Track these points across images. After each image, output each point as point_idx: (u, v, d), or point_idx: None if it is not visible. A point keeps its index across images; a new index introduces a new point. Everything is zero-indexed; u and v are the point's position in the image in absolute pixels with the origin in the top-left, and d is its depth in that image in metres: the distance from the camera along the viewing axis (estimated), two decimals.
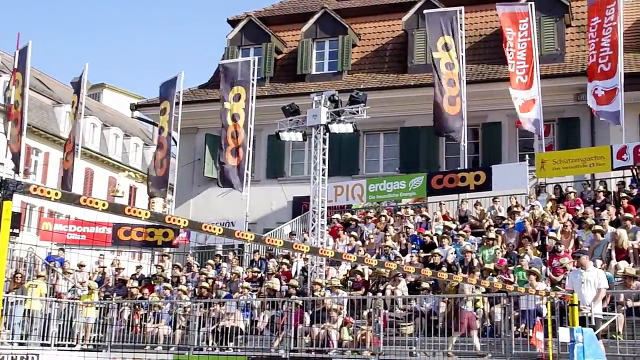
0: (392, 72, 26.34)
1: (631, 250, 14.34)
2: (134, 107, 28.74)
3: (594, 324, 11.68)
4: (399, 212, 20.47)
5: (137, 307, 17.83)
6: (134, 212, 4.93)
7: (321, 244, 17.11)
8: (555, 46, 24.38)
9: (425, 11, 22.78)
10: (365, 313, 15.02)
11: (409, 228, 18.36)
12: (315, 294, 15.95)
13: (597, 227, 14.91)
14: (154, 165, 24.17)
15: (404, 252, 17.24)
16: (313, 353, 14.89)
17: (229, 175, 22.88)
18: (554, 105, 22.42)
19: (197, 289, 18.10)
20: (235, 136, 22.91)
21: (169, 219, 5.23)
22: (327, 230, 18.39)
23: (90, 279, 20.16)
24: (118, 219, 18.46)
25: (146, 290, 18.72)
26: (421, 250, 17.04)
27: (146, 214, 5.01)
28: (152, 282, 19.77)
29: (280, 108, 18.94)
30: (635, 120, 22.18)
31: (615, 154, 18.84)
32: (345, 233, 19.23)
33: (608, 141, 21.10)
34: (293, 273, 18.10)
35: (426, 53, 25.27)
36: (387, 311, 14.77)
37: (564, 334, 8.87)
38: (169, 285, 18.57)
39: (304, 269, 17.91)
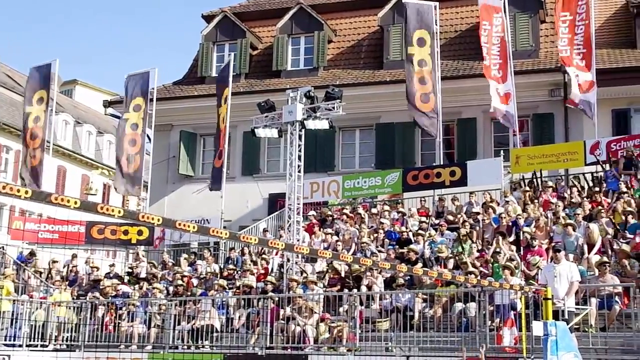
0: (368, 68, 26.36)
1: (602, 243, 14.48)
2: (107, 104, 28.51)
3: (567, 317, 11.81)
4: (374, 209, 20.50)
5: (110, 306, 17.67)
6: (107, 210, 4.89)
7: (297, 240, 17.08)
8: (530, 42, 24.55)
9: (404, 0, 22.76)
10: (341, 309, 15.02)
11: (384, 224, 18.38)
12: (292, 290, 15.91)
13: (570, 221, 15.05)
14: (127, 162, 23.94)
15: (380, 249, 17.26)
16: (289, 350, 14.87)
17: (216, 176, 22.89)
18: (528, 101, 22.58)
19: (172, 287, 17.99)
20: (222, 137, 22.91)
21: (143, 216, 5.19)
22: (303, 227, 18.36)
23: (62, 277, 19.92)
24: (91, 217, 18.27)
25: (121, 289, 18.55)
26: (397, 246, 17.07)
27: (119, 212, 4.97)
28: (127, 280, 19.60)
29: (256, 104, 18.88)
30: (608, 115, 22.41)
31: (588, 149, 19.09)
32: (321, 230, 19.21)
33: (581, 137, 21.34)
34: (269, 270, 18.04)
35: (402, 49, 25.34)
36: (363, 307, 14.79)
37: (537, 327, 8.91)
38: (147, 285, 18.39)
39: (280, 266, 17.87)
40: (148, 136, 24.58)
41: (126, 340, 16.74)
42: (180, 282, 17.85)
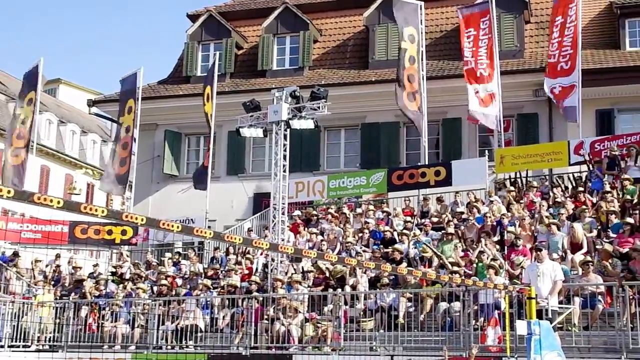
0: (354, 68, 26.38)
1: (584, 242, 14.57)
2: (92, 103, 28.33)
3: (550, 316, 11.87)
4: (359, 208, 20.52)
5: (94, 306, 17.57)
6: (90, 209, 4.88)
7: (282, 240, 17.07)
8: (515, 42, 24.65)
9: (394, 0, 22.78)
10: (326, 309, 15.02)
11: (369, 223, 18.41)
12: (276, 290, 15.89)
13: (554, 221, 15.13)
14: (111, 162, 23.88)
15: (365, 249, 17.27)
16: (274, 350, 14.85)
17: (202, 175, 22.89)
18: (513, 101, 22.66)
19: (156, 287, 17.92)
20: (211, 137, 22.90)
21: (127, 216, 5.17)
22: (287, 226, 18.34)
23: (45, 277, 19.79)
24: (75, 216, 18.15)
25: (103, 289, 18.46)
26: (381, 246, 17.09)
27: (103, 212, 4.96)
28: (111, 280, 19.49)
29: (241, 104, 18.83)
30: (591, 115, 22.54)
31: (572, 149, 19.21)
32: (306, 229, 19.20)
33: (565, 136, 21.46)
34: (254, 270, 18.01)
35: (387, 49, 25.40)
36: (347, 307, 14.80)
37: (521, 326, 8.96)
38: (131, 285, 18.28)
39: (265, 266, 17.84)
40: (133, 137, 24.48)
41: (109, 340, 16.66)
42: (164, 282, 17.78)
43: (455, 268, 14.38)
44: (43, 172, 43.98)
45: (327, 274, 16.37)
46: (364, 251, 16.95)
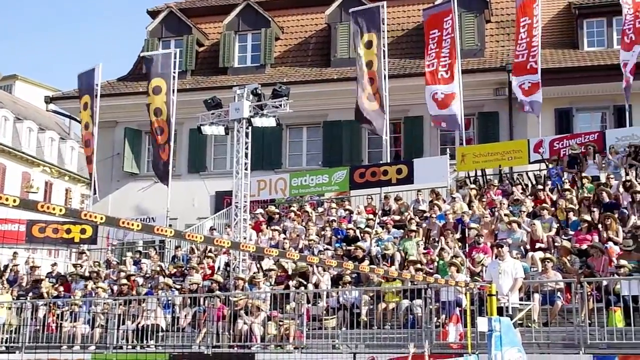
0: (315, 65, 26.37)
1: (544, 240, 14.77)
2: (49, 100, 27.87)
3: (511, 313, 11.99)
4: (321, 207, 20.52)
5: (52, 306, 17.28)
6: (48, 208, 4.78)
7: (244, 238, 16.98)
8: (476, 41, 24.88)
9: (350, 10, 22.98)
10: (288, 307, 14.99)
11: (331, 222, 18.42)
12: (238, 289, 15.81)
13: (514, 218, 15.31)
14: (87, 163, 23.76)
15: (327, 247, 17.27)
16: (236, 349, 14.77)
17: (156, 169, 22.70)
18: (473, 99, 22.86)
19: (116, 286, 17.70)
20: (160, 132, 22.64)
21: (86, 215, 5.07)
22: (249, 224, 18.25)
23: (2, 277, 19.40)
24: (32, 215, 17.82)
25: (62, 289, 18.17)
26: (344, 244, 17.11)
27: (61, 210, 4.86)
28: (69, 280, 19.20)
29: (202, 101, 18.67)
30: (550, 114, 22.86)
31: (532, 147, 19.47)
32: (268, 227, 19.13)
33: (525, 135, 21.73)
34: (216, 268, 17.89)
35: (349, 47, 25.43)
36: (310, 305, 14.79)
37: (482, 323, 9.03)
38: (90, 283, 18.01)
39: (227, 264, 17.73)
40: (93, 134, 24.15)
41: (69, 340, 16.40)
42: (124, 281, 17.57)
43: (417, 266, 14.46)
44: None
45: (290, 272, 16.34)
46: (327, 249, 16.94)
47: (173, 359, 14.93)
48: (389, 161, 21.31)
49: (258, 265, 16.95)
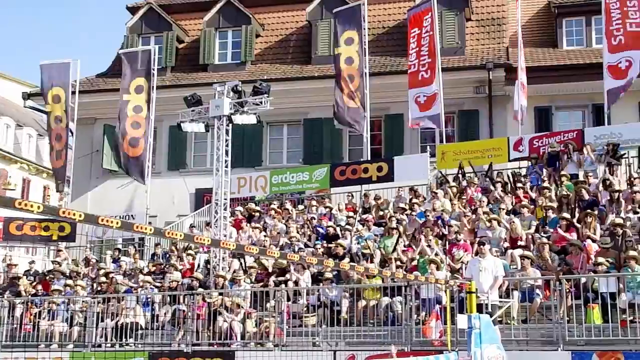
0: (296, 63, 26.32)
1: (523, 237, 14.85)
2: (27, 96, 27.61)
3: (490, 310, 12.05)
4: (301, 205, 20.50)
5: (30, 304, 17.11)
6: (26, 205, 4.71)
7: (224, 236, 16.91)
8: (456, 40, 24.95)
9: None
10: (268, 305, 14.95)
11: (311, 219, 18.40)
12: (218, 286, 15.75)
13: (494, 216, 15.37)
14: (55, 158, 23.40)
15: (307, 244, 17.25)
16: (216, 346, 14.71)
17: (129, 166, 22.50)
18: (454, 97, 22.91)
19: (95, 284, 17.56)
20: (137, 127, 22.47)
21: (64, 212, 5.01)
22: (230, 222, 18.19)
23: None
24: (9, 212, 17.63)
25: (40, 287, 18.00)
26: (324, 241, 17.09)
27: (39, 207, 4.79)
28: (48, 278, 19.02)
29: (182, 98, 18.56)
30: (530, 113, 22.97)
31: (512, 145, 19.57)
32: (249, 225, 19.08)
33: (505, 133, 21.83)
34: (196, 266, 17.81)
35: (330, 44, 25.41)
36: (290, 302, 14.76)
37: (462, 321, 9.07)
38: (70, 282, 17.83)
39: (207, 262, 17.65)
40: (70, 130, 23.92)
41: (46, 339, 16.25)
42: (103, 279, 17.44)
43: (398, 263, 14.48)
44: None
45: (270, 270, 16.30)
46: (307, 246, 16.92)
47: (152, 357, 14.84)
48: (369, 159, 21.32)
49: (241, 262, 16.89)
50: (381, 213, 18.39)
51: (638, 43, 19.15)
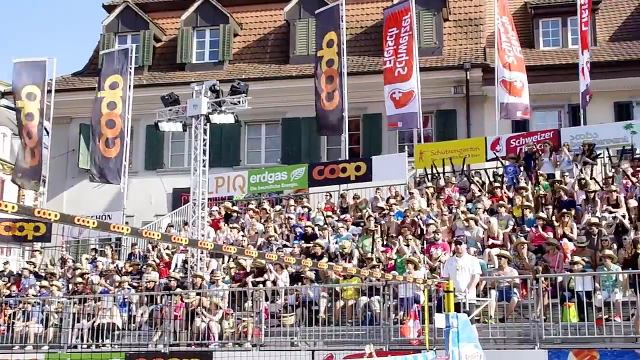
0: (274, 62, 26.26)
1: (500, 237, 14.94)
2: (1, 95, 27.28)
3: (468, 309, 12.10)
4: (279, 205, 20.46)
5: (4, 305, 16.90)
6: (0, 205, 4.63)
7: (202, 236, 16.83)
8: (434, 40, 25.03)
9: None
10: (246, 305, 14.90)
11: (289, 219, 18.36)
12: (196, 286, 15.66)
13: (471, 215, 15.44)
14: (22, 156, 23.02)
15: (286, 244, 17.22)
16: (193, 347, 14.64)
17: (103, 167, 22.22)
18: (431, 97, 22.99)
19: (71, 285, 17.39)
20: (112, 126, 22.24)
21: (39, 212, 4.94)
22: (207, 222, 18.10)
23: None
24: None
25: (14, 288, 17.80)
26: (302, 241, 17.07)
27: (13, 207, 4.72)
28: (22, 278, 18.81)
29: (160, 97, 18.43)
30: None
31: (489, 145, 19.69)
32: (227, 225, 19.00)
33: (482, 133, 21.93)
34: (173, 266, 17.71)
35: (308, 44, 25.41)
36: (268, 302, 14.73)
37: (439, 320, 9.09)
38: (45, 283, 17.63)
39: (184, 262, 17.56)
40: (46, 129, 23.64)
41: (21, 340, 16.07)
42: (79, 279, 17.27)
43: (375, 263, 14.49)
44: None
45: (248, 270, 16.25)
46: (285, 246, 16.88)
47: (129, 358, 14.73)
48: (347, 158, 21.34)
49: (220, 262, 16.82)
50: (359, 213, 18.40)
51: None
